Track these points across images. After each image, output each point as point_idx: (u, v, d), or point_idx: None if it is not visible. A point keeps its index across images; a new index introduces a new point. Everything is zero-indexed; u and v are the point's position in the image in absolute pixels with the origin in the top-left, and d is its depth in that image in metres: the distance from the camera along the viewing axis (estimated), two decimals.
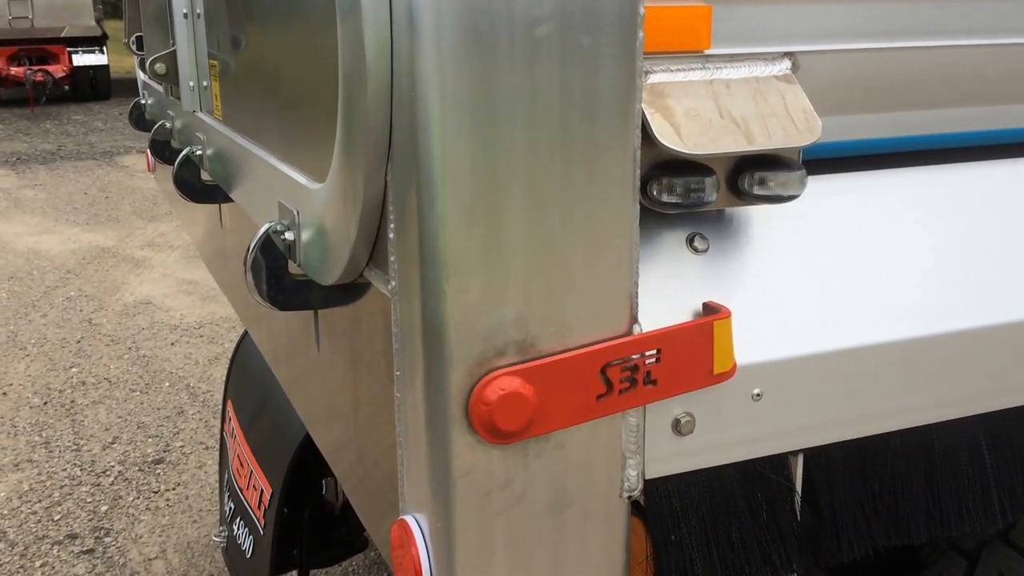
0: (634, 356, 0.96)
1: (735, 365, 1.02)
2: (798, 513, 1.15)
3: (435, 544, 0.95)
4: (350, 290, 1.12)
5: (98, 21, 13.75)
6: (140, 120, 2.82)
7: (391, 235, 0.95)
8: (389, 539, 1.03)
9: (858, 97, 1.22)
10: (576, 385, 0.93)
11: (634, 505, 1.03)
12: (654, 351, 0.97)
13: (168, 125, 2.32)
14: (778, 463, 1.12)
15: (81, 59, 13.62)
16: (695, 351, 0.99)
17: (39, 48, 13.31)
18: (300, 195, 1.16)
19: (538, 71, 0.87)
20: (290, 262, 1.20)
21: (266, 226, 1.20)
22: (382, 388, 1.05)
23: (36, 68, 13.16)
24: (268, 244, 1.19)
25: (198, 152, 1.92)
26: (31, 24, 13.08)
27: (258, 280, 1.18)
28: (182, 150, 1.96)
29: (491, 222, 0.88)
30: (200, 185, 1.94)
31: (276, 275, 1.19)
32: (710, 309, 1.02)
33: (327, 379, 1.31)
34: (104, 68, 14.13)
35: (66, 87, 13.69)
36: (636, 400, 0.97)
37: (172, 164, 1.95)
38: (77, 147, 11.10)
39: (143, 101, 2.83)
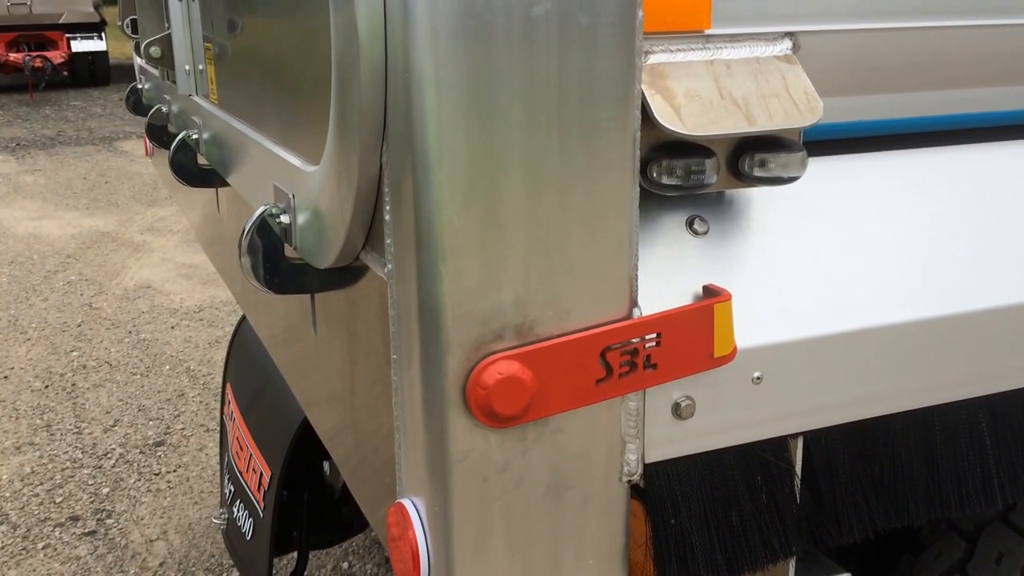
0: (634, 340, 0.95)
1: (735, 348, 1.01)
2: (798, 496, 1.14)
3: (432, 528, 0.95)
4: (346, 273, 1.11)
5: (96, 7, 13.70)
6: (137, 104, 2.81)
7: (387, 217, 0.94)
8: (386, 522, 1.03)
9: (860, 78, 1.21)
10: (575, 369, 0.93)
11: (634, 488, 1.03)
12: (654, 335, 0.96)
13: (164, 109, 2.31)
14: (778, 446, 1.11)
15: (79, 45, 13.58)
16: (695, 334, 0.98)
17: (38, 34, 13.27)
18: (295, 178, 1.15)
19: (535, 51, 0.86)
20: (286, 245, 1.19)
21: (261, 209, 1.19)
22: (379, 372, 1.05)
23: (35, 54, 13.12)
24: (264, 227, 1.18)
25: (194, 136, 1.91)
26: (29, 10, 13.04)
27: (254, 264, 1.18)
28: (178, 134, 1.95)
29: (488, 204, 0.87)
30: (196, 169, 1.92)
31: (272, 259, 1.18)
32: (710, 292, 1.02)
33: (325, 363, 1.30)
34: (103, 54, 14.10)
35: (65, 73, 13.65)
36: (636, 384, 0.97)
37: (169, 148, 1.94)
38: (76, 132, 11.07)
39: (140, 85, 2.81)
